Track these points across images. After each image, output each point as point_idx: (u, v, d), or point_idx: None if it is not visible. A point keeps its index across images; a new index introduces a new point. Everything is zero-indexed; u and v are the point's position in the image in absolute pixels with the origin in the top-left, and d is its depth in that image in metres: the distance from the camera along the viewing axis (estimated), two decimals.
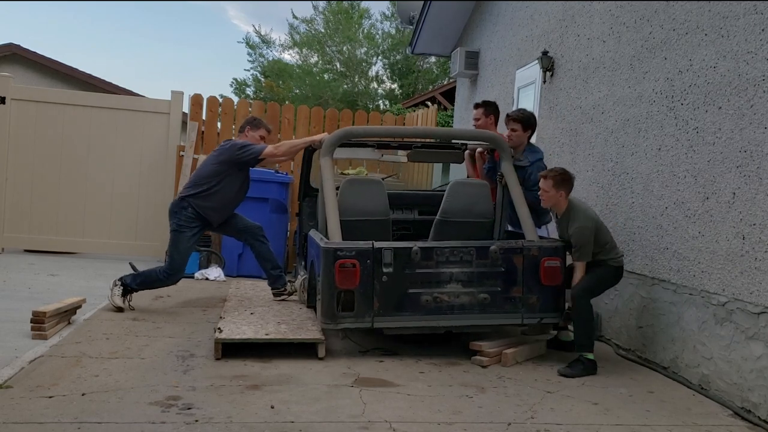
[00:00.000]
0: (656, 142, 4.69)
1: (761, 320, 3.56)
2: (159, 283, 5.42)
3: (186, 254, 5.40)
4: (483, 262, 4.41)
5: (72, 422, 2.95)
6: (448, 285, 4.37)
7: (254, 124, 5.60)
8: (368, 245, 4.27)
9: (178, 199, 5.42)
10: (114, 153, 8.21)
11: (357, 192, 4.72)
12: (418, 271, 4.33)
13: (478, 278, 4.41)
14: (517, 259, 4.44)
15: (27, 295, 5.58)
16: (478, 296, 4.40)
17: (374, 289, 4.26)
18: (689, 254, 4.22)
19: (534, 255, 4.45)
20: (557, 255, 4.49)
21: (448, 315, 4.39)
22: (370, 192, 4.74)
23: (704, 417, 3.59)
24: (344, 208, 4.62)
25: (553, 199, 4.50)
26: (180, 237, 5.33)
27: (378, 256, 4.26)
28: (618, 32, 5.36)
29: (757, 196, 3.66)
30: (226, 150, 5.38)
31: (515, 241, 4.60)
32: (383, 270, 4.26)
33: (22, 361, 3.78)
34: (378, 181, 4.90)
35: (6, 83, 8.05)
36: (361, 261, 4.22)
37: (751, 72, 3.77)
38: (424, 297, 4.34)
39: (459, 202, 4.81)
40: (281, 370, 3.96)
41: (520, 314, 4.47)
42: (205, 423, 3.04)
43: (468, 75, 9.60)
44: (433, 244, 4.46)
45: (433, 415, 3.32)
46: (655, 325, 4.57)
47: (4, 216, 8.03)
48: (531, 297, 4.45)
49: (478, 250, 4.42)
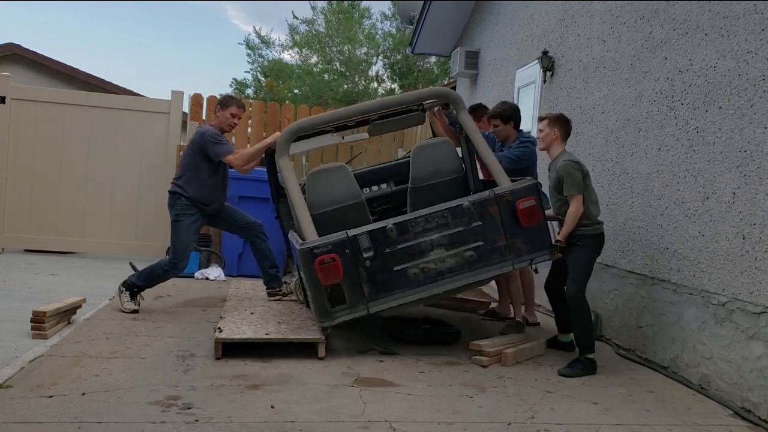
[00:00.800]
0: (656, 141, 4.69)
1: (761, 320, 3.56)
2: (165, 274, 5.41)
3: (188, 242, 5.41)
4: (460, 221, 4.34)
5: (72, 422, 2.95)
6: (431, 253, 4.31)
7: (223, 103, 5.55)
8: (342, 236, 4.21)
9: (169, 192, 5.45)
10: (114, 153, 8.21)
11: (322, 183, 4.64)
12: (399, 247, 4.28)
13: (459, 238, 4.34)
14: (493, 209, 4.37)
15: (27, 294, 5.58)
16: (464, 255, 4.34)
17: (360, 277, 4.21)
18: (689, 254, 4.22)
19: (508, 200, 4.37)
20: (530, 194, 4.40)
21: (438, 281, 4.34)
22: (336, 179, 4.65)
23: (704, 417, 3.59)
24: (314, 201, 4.56)
25: (548, 139, 4.54)
26: (179, 225, 5.37)
27: (355, 244, 4.20)
28: (618, 32, 5.36)
29: (757, 195, 3.66)
30: (198, 139, 5.39)
31: (486, 191, 4.49)
32: (364, 256, 4.21)
33: (22, 360, 3.78)
34: (340, 166, 4.80)
35: (6, 83, 8.05)
36: (339, 253, 4.17)
37: (751, 72, 3.77)
38: (412, 270, 4.29)
39: (425, 166, 4.75)
40: (281, 369, 3.95)
41: (510, 261, 4.41)
42: (205, 423, 3.03)
43: (468, 75, 9.61)
44: (407, 217, 4.37)
45: (433, 415, 3.32)
46: (655, 324, 4.57)
47: (4, 216, 8.03)
48: (516, 242, 4.38)
49: (452, 211, 4.35)
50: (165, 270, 5.39)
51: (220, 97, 5.68)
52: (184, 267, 5.44)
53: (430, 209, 4.38)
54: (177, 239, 5.38)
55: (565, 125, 4.60)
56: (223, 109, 5.50)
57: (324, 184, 4.63)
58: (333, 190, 4.60)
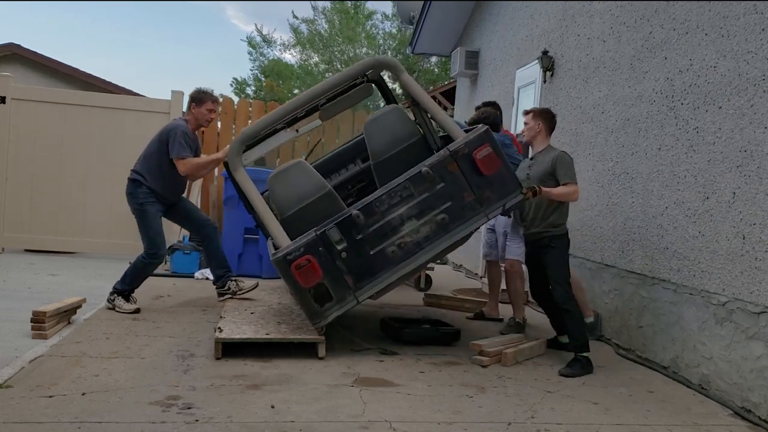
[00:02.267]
0: (656, 141, 4.69)
1: (761, 320, 3.56)
2: (147, 267, 5.33)
3: (159, 229, 5.32)
4: (423, 188, 4.28)
5: (72, 422, 2.95)
6: (404, 226, 4.27)
7: (198, 99, 5.43)
8: (312, 235, 4.16)
9: (130, 180, 5.36)
10: (114, 153, 8.21)
11: (284, 184, 4.53)
12: (370, 230, 4.22)
13: (427, 205, 4.29)
14: (452, 166, 4.30)
15: (27, 294, 5.58)
16: (436, 220, 4.29)
17: (340, 270, 4.18)
18: (689, 254, 4.22)
19: (464, 153, 4.30)
20: (485, 141, 4.34)
21: (419, 252, 4.30)
22: (296, 176, 4.54)
23: (704, 417, 3.59)
24: (281, 204, 4.49)
25: (532, 131, 4.60)
26: (146, 214, 5.27)
27: (326, 239, 4.16)
28: (618, 32, 5.36)
29: (757, 195, 3.66)
30: (167, 132, 5.33)
31: (441, 150, 4.42)
32: (338, 248, 4.17)
33: (22, 360, 3.78)
34: (297, 162, 4.70)
35: (6, 83, 8.05)
36: (313, 253, 4.13)
37: (751, 72, 3.77)
38: (389, 249, 4.25)
39: (380, 138, 4.67)
40: (281, 369, 3.95)
41: (483, 212, 4.36)
42: (205, 423, 3.03)
43: (468, 75, 9.61)
44: (370, 199, 4.30)
45: (433, 415, 3.32)
46: (655, 324, 4.57)
47: (4, 216, 8.04)
48: (483, 192, 4.33)
49: (412, 180, 4.28)
50: (145, 263, 5.31)
51: (192, 93, 5.50)
52: (163, 255, 5.37)
53: (390, 184, 4.31)
54: (148, 228, 5.27)
55: (550, 119, 4.64)
56: (199, 105, 5.41)
57: (286, 184, 4.52)
58: (297, 189, 4.48)
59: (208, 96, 5.46)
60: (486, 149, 4.30)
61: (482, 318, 5.81)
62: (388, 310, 5.93)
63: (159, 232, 5.33)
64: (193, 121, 5.46)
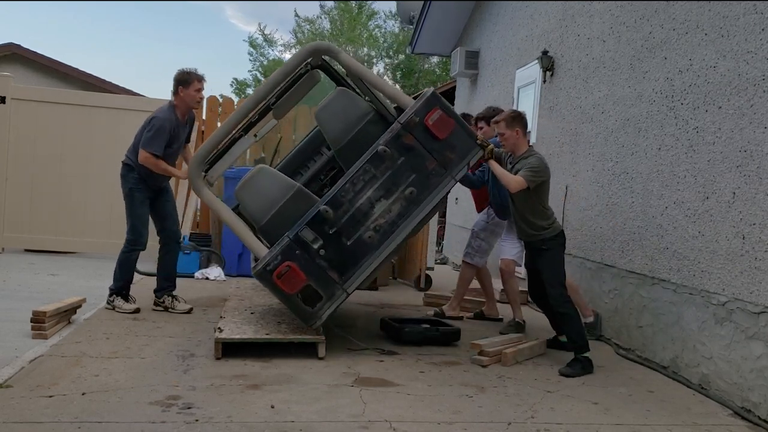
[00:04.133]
0: (656, 141, 4.69)
1: (761, 320, 3.56)
2: (129, 256, 5.27)
3: (144, 217, 5.28)
4: (384, 167, 4.22)
5: (72, 422, 2.95)
6: (374, 209, 4.23)
7: (184, 81, 5.24)
8: (285, 240, 4.13)
9: (123, 164, 5.31)
10: (114, 152, 8.11)
11: (251, 192, 4.45)
12: (342, 221, 4.18)
13: (392, 182, 4.24)
14: (407, 138, 4.25)
15: (27, 294, 5.58)
16: (405, 195, 4.25)
17: (322, 267, 4.15)
18: (689, 254, 4.22)
19: (416, 122, 4.25)
20: (433, 105, 4.28)
21: (396, 231, 4.27)
22: (261, 181, 4.47)
23: (704, 417, 3.59)
24: (254, 214, 4.42)
25: (511, 140, 4.50)
26: (133, 200, 5.22)
27: (301, 241, 4.12)
28: (618, 32, 5.36)
29: (757, 195, 3.66)
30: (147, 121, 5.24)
31: (393, 125, 4.34)
32: (314, 247, 4.13)
33: (22, 360, 3.78)
34: (258, 168, 4.62)
35: (6, 83, 8.04)
36: (291, 258, 4.09)
37: (751, 72, 3.77)
38: (366, 235, 4.21)
39: (334, 125, 4.60)
40: (281, 369, 3.95)
41: (449, 175, 4.34)
42: (205, 422, 3.03)
43: (468, 75, 9.62)
44: (334, 191, 4.25)
45: (433, 415, 3.32)
46: (655, 324, 4.57)
47: (4, 216, 8.03)
48: (444, 156, 4.30)
49: (371, 162, 4.23)
50: (126, 254, 5.26)
51: (177, 76, 5.28)
52: (143, 242, 5.30)
53: (350, 171, 4.27)
54: (133, 215, 5.23)
55: (521, 121, 4.57)
56: (186, 87, 5.22)
57: (254, 193, 4.44)
58: (265, 195, 4.38)
59: (193, 76, 5.26)
60: (436, 113, 4.25)
61: (482, 318, 5.81)
62: (388, 310, 5.93)
63: (142, 219, 5.27)
64: (182, 105, 5.27)
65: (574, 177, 5.96)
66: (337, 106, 4.64)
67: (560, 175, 6.23)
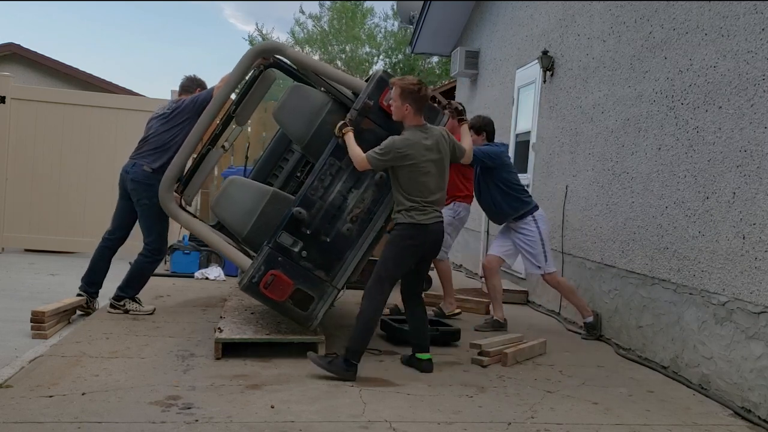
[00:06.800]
0: (656, 141, 4.69)
1: (761, 320, 3.56)
2: (153, 266, 5.23)
3: (168, 226, 5.22)
4: (348, 157, 4.10)
5: (72, 422, 2.95)
6: (347, 201, 4.20)
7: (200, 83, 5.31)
8: (266, 249, 4.09)
9: (151, 171, 5.00)
10: (114, 152, 8.19)
11: (227, 205, 4.40)
12: (317, 219, 4.15)
13: (359, 171, 4.14)
14: (365, 123, 4.20)
15: (27, 294, 5.58)
16: (375, 181, 4.23)
17: (307, 269, 4.12)
18: (689, 254, 4.22)
19: (371, 105, 4.20)
20: (384, 86, 4.19)
21: (375, 217, 4.25)
22: (235, 193, 4.42)
23: (704, 417, 3.59)
24: (235, 226, 4.38)
25: (399, 112, 3.98)
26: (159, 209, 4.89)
27: (281, 247, 4.08)
28: (618, 32, 5.36)
29: (757, 195, 3.66)
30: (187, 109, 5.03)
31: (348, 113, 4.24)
32: (295, 250, 4.10)
33: (22, 360, 3.78)
34: (229, 180, 4.55)
35: (6, 83, 8.05)
36: (274, 266, 4.06)
37: (751, 71, 3.77)
38: (344, 228, 4.18)
39: (294, 123, 4.50)
40: (281, 369, 3.95)
41: None
42: (205, 422, 3.03)
43: (468, 75, 9.62)
44: (303, 191, 4.20)
45: (433, 415, 3.32)
46: (655, 324, 4.57)
47: (4, 216, 8.04)
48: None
49: (334, 155, 4.18)
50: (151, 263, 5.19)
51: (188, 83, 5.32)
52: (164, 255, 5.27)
53: (316, 169, 4.22)
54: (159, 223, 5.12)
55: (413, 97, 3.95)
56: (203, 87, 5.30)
57: (230, 206, 4.39)
58: (241, 205, 4.34)
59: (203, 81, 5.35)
60: (389, 92, 4.16)
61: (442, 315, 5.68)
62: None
63: (167, 229, 5.24)
64: None
65: (574, 177, 5.96)
66: (293, 102, 4.52)
67: (560, 175, 6.23)
